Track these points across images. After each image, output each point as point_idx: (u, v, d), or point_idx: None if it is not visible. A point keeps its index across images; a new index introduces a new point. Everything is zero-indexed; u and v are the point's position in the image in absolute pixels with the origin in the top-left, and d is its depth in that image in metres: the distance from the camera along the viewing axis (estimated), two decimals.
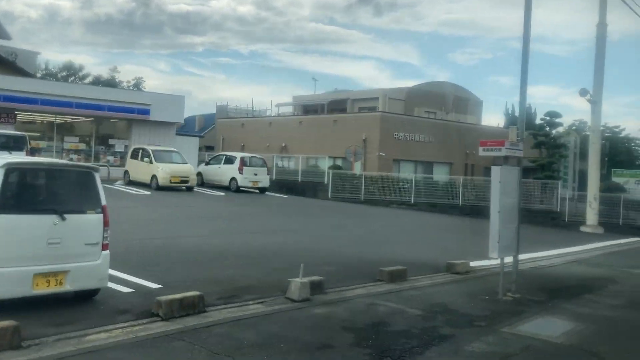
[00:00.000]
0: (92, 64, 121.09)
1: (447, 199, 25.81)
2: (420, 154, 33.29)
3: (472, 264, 11.53)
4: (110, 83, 48.01)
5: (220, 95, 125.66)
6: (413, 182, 26.57)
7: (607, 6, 22.93)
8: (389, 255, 12.12)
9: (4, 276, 5.94)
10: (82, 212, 6.62)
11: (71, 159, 26.17)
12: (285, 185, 28.22)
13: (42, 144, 25.96)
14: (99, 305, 6.81)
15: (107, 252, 6.86)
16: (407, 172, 29.87)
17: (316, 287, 8.27)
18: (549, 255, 14.55)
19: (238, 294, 7.84)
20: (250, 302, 7.52)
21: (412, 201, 25.94)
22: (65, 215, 6.36)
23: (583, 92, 23.03)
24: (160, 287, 7.84)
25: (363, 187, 26.42)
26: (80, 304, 6.71)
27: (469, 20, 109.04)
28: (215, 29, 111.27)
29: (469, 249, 13.80)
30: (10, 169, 6.10)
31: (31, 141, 23.86)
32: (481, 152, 8.98)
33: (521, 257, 13.28)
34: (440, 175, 32.10)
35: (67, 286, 6.44)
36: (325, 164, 30.67)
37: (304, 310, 7.38)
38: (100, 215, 6.76)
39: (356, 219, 19.51)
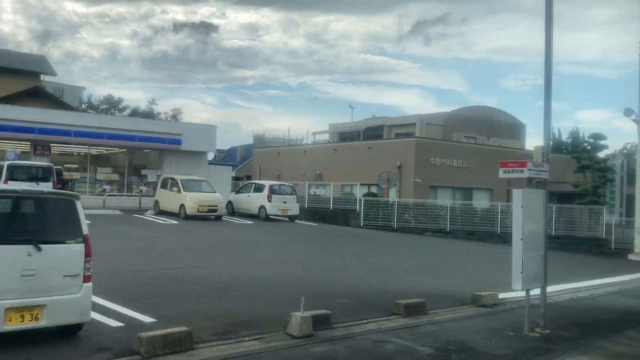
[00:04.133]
0: (144, 98, 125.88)
1: (485, 227, 24.69)
2: (459, 179, 32.26)
3: (502, 295, 10.66)
4: (148, 115, 48.97)
5: (267, 126, 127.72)
6: (448, 208, 25.60)
7: None
8: (411, 287, 11.38)
9: None
10: (61, 242, 6.24)
11: (104, 190, 26.47)
12: (317, 213, 27.71)
13: (76, 175, 26.34)
14: (79, 341, 6.38)
15: (90, 284, 6.44)
16: (444, 199, 28.88)
17: (322, 322, 7.65)
18: (590, 286, 13.44)
19: (235, 329, 7.30)
20: (246, 339, 6.96)
21: (448, 229, 24.94)
22: (42, 246, 5.99)
23: (628, 112, 21.77)
24: (154, 321, 7.37)
25: (396, 214, 25.61)
26: (59, 341, 6.29)
27: (519, 46, 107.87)
28: (267, 63, 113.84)
29: (501, 279, 12.87)
30: None
31: (65, 172, 24.30)
32: (501, 174, 8.25)
33: (559, 287, 12.37)
34: (479, 201, 30.96)
35: (44, 321, 6.03)
36: (359, 191, 30.03)
37: (302, 348, 6.76)
38: (82, 245, 6.36)
39: (384, 248, 18.74)
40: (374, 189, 30.56)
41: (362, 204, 26.18)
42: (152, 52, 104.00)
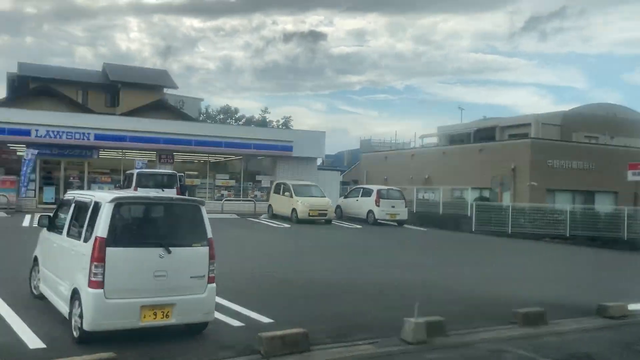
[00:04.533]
0: (256, 107, 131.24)
1: (610, 232, 22.98)
2: (579, 182, 30.32)
3: (633, 307, 9.90)
4: (261, 123, 50.94)
5: (374, 131, 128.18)
6: (568, 213, 24.12)
7: None
8: (529, 295, 10.86)
9: (113, 307, 6.14)
10: (188, 245, 6.68)
11: (222, 195, 27.88)
12: (426, 217, 27.28)
13: (197, 181, 27.99)
14: (204, 339, 6.79)
15: (214, 285, 6.83)
16: (563, 203, 27.27)
17: (435, 329, 7.55)
18: None
19: (350, 333, 7.41)
20: (360, 342, 7.05)
21: (568, 234, 23.50)
22: (171, 248, 6.46)
23: None
24: (271, 322, 7.67)
25: (510, 219, 24.55)
26: (186, 338, 6.74)
27: None
28: (373, 67, 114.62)
29: (630, 289, 12.00)
30: (118, 203, 6.38)
31: (187, 179, 25.92)
32: (630, 176, 7.71)
33: None
34: (603, 205, 28.89)
35: (174, 319, 6.49)
36: (471, 195, 29.17)
37: (417, 355, 6.72)
38: (207, 248, 6.77)
39: (498, 254, 18.08)
40: (486, 193, 29.56)
41: (474, 209, 25.40)
42: (264, 62, 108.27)
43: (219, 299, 7.94)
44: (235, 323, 7.53)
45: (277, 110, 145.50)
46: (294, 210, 23.15)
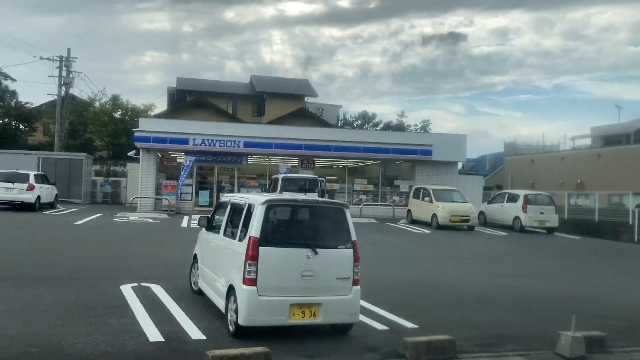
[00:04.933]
0: (393, 112, 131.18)
1: None
2: None
3: None
4: (399, 128, 50.79)
5: (517, 133, 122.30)
6: None
7: None
8: None
9: (265, 304, 6.45)
10: (334, 246, 6.83)
11: (360, 200, 28.19)
12: (579, 225, 25.31)
13: (336, 186, 28.59)
14: (350, 340, 6.89)
15: (358, 287, 6.91)
16: None
17: (595, 344, 6.98)
18: None
19: (497, 342, 7.11)
20: (510, 354, 6.72)
21: None
22: (318, 250, 6.65)
23: None
24: (415, 328, 7.59)
25: None
26: (332, 338, 6.89)
27: None
28: (517, 67, 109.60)
29: None
30: (270, 205, 6.70)
31: (327, 184, 26.60)
32: None
33: None
34: None
35: (320, 318, 6.66)
36: (632, 201, 26.55)
37: None
38: (351, 251, 6.87)
39: None
40: None
41: (637, 216, 23.08)
42: (401, 66, 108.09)
43: (363, 302, 8.00)
44: (380, 326, 7.55)
45: (414, 114, 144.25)
46: (434, 215, 22.73)
